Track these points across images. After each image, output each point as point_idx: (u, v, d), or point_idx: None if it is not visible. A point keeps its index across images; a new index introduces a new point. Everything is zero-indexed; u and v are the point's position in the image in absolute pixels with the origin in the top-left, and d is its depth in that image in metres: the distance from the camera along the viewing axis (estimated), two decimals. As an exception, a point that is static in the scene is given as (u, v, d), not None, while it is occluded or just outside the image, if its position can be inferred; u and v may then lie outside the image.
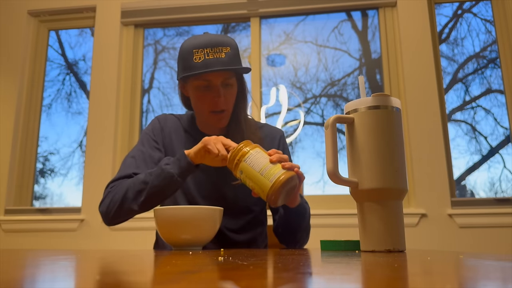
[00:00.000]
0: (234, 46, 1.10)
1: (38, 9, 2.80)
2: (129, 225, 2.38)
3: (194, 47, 1.07)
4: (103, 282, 0.26)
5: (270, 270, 0.35)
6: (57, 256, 0.57)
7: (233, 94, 1.14)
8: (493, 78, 2.51)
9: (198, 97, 1.12)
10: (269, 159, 0.87)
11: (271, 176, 0.85)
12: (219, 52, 1.06)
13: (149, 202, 1.02)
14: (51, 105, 2.83)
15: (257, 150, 0.89)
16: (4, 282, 0.26)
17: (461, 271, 0.34)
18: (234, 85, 1.14)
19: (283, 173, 0.85)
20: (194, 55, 1.06)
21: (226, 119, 1.15)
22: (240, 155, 0.88)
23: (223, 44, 1.07)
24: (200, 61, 1.05)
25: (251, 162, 0.87)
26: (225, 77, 1.09)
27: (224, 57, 1.07)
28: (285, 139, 1.28)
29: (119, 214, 1.05)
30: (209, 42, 1.06)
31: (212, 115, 1.13)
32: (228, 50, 1.08)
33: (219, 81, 1.09)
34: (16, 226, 2.49)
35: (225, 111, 1.13)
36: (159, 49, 2.82)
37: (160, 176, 1.00)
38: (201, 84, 1.09)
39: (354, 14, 2.67)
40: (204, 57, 1.06)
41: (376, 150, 0.71)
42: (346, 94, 2.64)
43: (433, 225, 2.19)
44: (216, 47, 1.06)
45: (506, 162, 2.42)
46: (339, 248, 0.79)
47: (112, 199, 1.04)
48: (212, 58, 1.06)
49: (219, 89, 1.09)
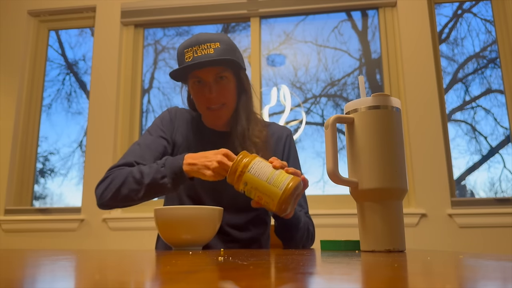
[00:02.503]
0: (225, 41, 1.10)
1: (38, 9, 2.80)
2: (129, 225, 2.38)
3: (185, 47, 1.09)
4: (103, 282, 0.26)
5: (270, 270, 0.35)
6: (57, 256, 0.57)
7: (230, 88, 1.13)
8: (493, 78, 2.51)
9: (194, 96, 1.14)
10: (272, 165, 0.85)
11: (280, 184, 0.82)
12: (208, 49, 1.07)
13: (143, 199, 1.04)
14: (51, 105, 2.83)
15: (258, 160, 0.86)
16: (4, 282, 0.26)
17: (461, 271, 0.34)
18: (229, 79, 1.13)
19: (291, 179, 0.83)
20: (185, 55, 1.08)
21: (225, 114, 1.15)
22: (243, 166, 0.85)
23: (212, 40, 1.08)
24: (190, 59, 1.07)
25: (255, 172, 0.84)
26: (216, 72, 1.10)
27: (212, 52, 1.07)
28: (292, 138, 1.27)
29: (110, 203, 1.06)
30: (197, 41, 1.08)
31: (209, 112, 1.14)
32: (218, 45, 1.08)
33: (211, 77, 1.10)
34: (16, 226, 2.48)
35: (225, 104, 1.13)
36: (159, 49, 2.82)
37: (154, 184, 1.00)
38: (194, 81, 1.12)
39: (354, 14, 2.67)
40: (193, 55, 1.07)
41: (376, 150, 0.71)
42: (346, 94, 2.64)
43: (433, 225, 2.19)
44: (204, 43, 1.07)
45: (506, 162, 2.42)
46: (339, 248, 0.79)
47: (108, 186, 1.05)
48: (200, 54, 1.06)
49: (210, 85, 1.10)
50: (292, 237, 1.08)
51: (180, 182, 1.00)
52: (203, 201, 1.14)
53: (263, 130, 1.18)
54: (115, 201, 1.05)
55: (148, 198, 1.04)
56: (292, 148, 1.25)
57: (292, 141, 1.26)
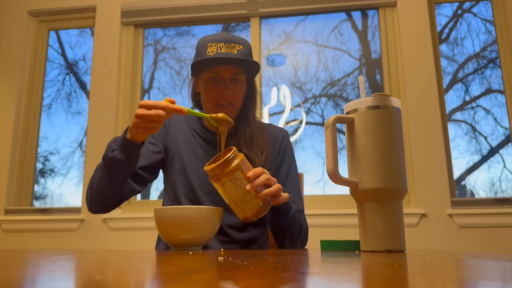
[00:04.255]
0: (247, 46, 1.14)
1: (38, 9, 2.80)
2: (129, 225, 2.38)
3: (209, 41, 1.12)
4: (102, 282, 0.26)
5: (270, 270, 0.35)
6: (57, 256, 0.57)
7: (241, 90, 1.17)
8: (493, 78, 2.51)
9: (206, 89, 1.15)
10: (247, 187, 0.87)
11: (244, 209, 0.88)
12: (232, 48, 1.10)
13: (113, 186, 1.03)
14: (51, 105, 2.83)
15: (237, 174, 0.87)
16: (4, 282, 0.26)
17: (461, 271, 0.34)
18: (243, 82, 1.17)
19: (255, 208, 0.88)
20: (208, 48, 1.10)
21: (232, 115, 1.16)
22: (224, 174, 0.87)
23: (237, 41, 1.12)
24: (213, 53, 1.09)
25: (232, 184, 0.87)
26: (235, 72, 1.13)
27: (236, 53, 1.10)
28: (289, 138, 1.29)
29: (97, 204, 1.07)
30: (224, 38, 1.11)
31: (217, 108, 1.14)
32: (241, 48, 1.12)
33: (228, 75, 1.13)
34: (16, 226, 2.48)
35: (232, 105, 1.15)
36: (159, 49, 2.82)
37: (108, 161, 1.00)
38: (211, 75, 1.13)
39: (354, 14, 2.67)
40: (217, 51, 1.09)
41: (376, 150, 0.71)
42: (346, 94, 2.64)
43: (433, 225, 2.19)
44: (230, 43, 1.11)
45: (506, 162, 2.42)
46: (339, 248, 0.79)
47: (89, 191, 1.08)
48: (225, 52, 1.09)
49: (227, 83, 1.13)
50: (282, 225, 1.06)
51: (129, 150, 0.97)
52: (202, 204, 1.14)
53: (265, 134, 1.21)
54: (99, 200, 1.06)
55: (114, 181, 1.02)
56: (288, 149, 1.26)
57: (289, 142, 1.27)
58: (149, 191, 2.71)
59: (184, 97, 2.74)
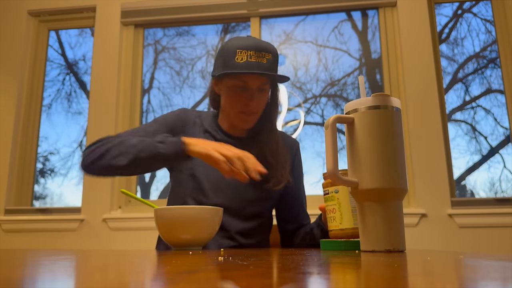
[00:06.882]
0: (275, 54, 1.12)
1: (38, 9, 2.80)
2: (129, 225, 2.38)
3: (239, 47, 1.08)
4: (103, 282, 0.26)
5: (270, 270, 0.35)
6: (57, 256, 0.57)
7: (265, 100, 1.16)
8: (493, 78, 2.51)
9: (231, 96, 1.13)
10: None
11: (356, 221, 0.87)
12: (262, 57, 1.08)
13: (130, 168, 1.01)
14: (51, 105, 2.83)
15: None
16: (4, 282, 0.26)
17: (461, 271, 0.34)
18: (267, 92, 1.16)
19: None
20: (237, 55, 1.07)
21: (253, 122, 1.16)
22: None
23: (267, 50, 1.09)
24: (242, 61, 1.07)
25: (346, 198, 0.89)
26: (262, 82, 1.11)
27: (265, 62, 1.08)
28: (300, 151, 1.32)
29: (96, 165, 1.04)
30: (254, 46, 1.08)
31: (240, 115, 1.14)
32: (270, 57, 1.09)
33: (256, 85, 1.10)
34: (16, 226, 2.48)
35: (255, 114, 1.15)
36: (159, 49, 2.82)
37: (150, 151, 0.98)
38: (238, 84, 1.11)
39: (354, 14, 2.67)
40: (247, 59, 1.07)
41: (376, 150, 0.71)
42: (346, 94, 2.64)
43: (433, 225, 2.18)
44: (260, 52, 1.08)
45: (506, 162, 2.42)
46: (339, 248, 0.79)
47: (98, 147, 1.04)
48: (255, 61, 1.07)
49: (254, 93, 1.11)
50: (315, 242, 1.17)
51: (176, 152, 0.97)
52: (210, 204, 1.15)
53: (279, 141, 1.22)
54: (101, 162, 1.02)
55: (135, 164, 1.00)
56: (298, 161, 1.29)
57: (299, 155, 1.31)
58: (149, 191, 2.71)
59: (184, 97, 2.74)
